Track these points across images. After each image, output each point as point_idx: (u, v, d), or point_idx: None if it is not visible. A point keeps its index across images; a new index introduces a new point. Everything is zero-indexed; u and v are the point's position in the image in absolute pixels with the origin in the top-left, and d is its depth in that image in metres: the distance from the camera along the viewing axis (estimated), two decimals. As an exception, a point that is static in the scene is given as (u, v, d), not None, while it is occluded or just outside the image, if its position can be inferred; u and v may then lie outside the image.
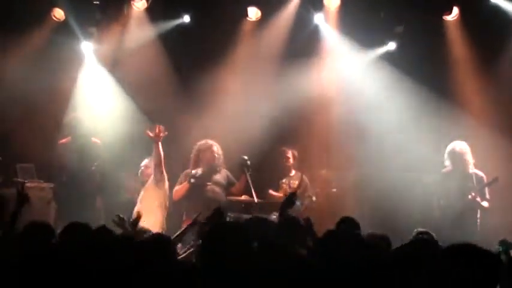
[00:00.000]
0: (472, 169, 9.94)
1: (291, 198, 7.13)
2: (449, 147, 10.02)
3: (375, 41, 11.76)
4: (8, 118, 11.36)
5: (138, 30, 11.56)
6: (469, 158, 9.90)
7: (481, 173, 9.92)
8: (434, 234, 6.71)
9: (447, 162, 10.03)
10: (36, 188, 10.57)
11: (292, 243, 5.93)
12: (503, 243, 6.87)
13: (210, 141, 10.18)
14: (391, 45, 11.82)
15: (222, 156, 10.20)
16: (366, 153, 11.58)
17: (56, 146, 10.31)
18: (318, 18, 11.74)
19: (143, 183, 10.06)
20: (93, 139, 10.33)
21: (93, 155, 10.27)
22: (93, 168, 10.24)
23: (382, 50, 11.91)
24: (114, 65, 11.81)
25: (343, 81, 11.82)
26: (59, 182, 10.33)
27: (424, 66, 11.37)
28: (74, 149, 10.21)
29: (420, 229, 6.85)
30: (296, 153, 10.96)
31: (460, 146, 9.95)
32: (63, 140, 10.33)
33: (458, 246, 4.27)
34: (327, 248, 4.90)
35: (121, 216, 7.05)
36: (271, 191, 10.75)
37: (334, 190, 11.14)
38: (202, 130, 10.93)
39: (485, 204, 9.85)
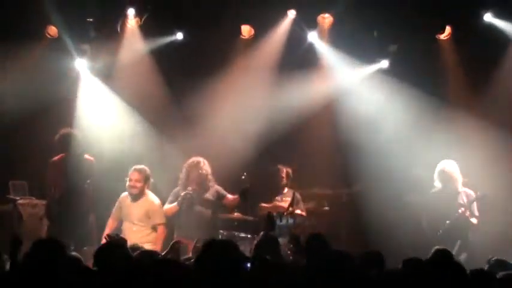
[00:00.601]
0: (461, 188, 9.97)
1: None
2: (438, 167, 10.05)
3: (368, 59, 11.81)
4: (1, 134, 11.32)
5: (132, 48, 11.53)
6: (458, 177, 9.93)
7: (470, 191, 9.95)
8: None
9: (437, 182, 10.06)
10: (29, 204, 10.55)
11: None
12: (490, 262, 6.89)
13: (198, 159, 10.15)
14: (384, 64, 11.89)
15: (210, 174, 10.16)
16: (359, 171, 11.62)
17: (49, 163, 10.23)
18: (312, 36, 11.79)
19: (133, 198, 10.04)
20: (87, 156, 10.26)
21: (86, 172, 10.20)
22: (85, 185, 10.17)
23: (375, 67, 11.97)
24: (107, 82, 11.77)
25: (336, 98, 11.86)
26: (52, 199, 10.25)
27: (417, 84, 11.43)
28: (68, 166, 10.14)
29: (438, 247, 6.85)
30: (290, 171, 10.95)
31: (449, 165, 9.99)
32: (57, 158, 10.24)
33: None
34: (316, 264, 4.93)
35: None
36: (262, 204, 10.72)
37: (327, 208, 11.14)
38: (194, 146, 10.91)
39: (474, 221, 9.86)
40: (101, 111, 11.73)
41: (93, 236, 9.62)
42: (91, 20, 11.22)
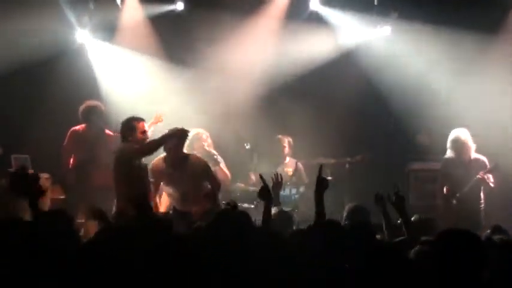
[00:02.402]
0: (473, 155, 9.92)
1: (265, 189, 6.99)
2: (452, 135, 9.95)
3: (369, 26, 11.80)
4: (3, 108, 11.30)
5: (131, 19, 11.55)
6: (472, 145, 9.88)
7: (482, 157, 9.90)
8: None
9: (449, 151, 10.00)
10: (31, 178, 10.54)
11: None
12: (495, 228, 6.89)
13: (201, 131, 10.13)
14: (386, 30, 11.85)
15: (212, 146, 10.14)
16: (363, 139, 11.63)
17: (70, 131, 10.27)
18: (314, 4, 11.77)
19: None
20: (107, 131, 10.34)
21: (105, 147, 10.16)
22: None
23: (377, 34, 11.93)
24: (108, 52, 11.78)
25: (341, 62, 11.90)
26: (64, 169, 10.30)
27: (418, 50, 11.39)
28: (88, 138, 10.21)
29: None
30: (291, 141, 10.94)
31: (463, 133, 9.90)
32: (78, 127, 10.32)
33: (448, 231, 4.34)
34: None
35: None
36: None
37: (330, 178, 11.12)
38: (194, 114, 10.89)
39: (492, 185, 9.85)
40: (106, 82, 11.74)
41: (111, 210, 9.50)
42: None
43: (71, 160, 10.26)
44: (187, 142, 9.95)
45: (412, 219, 6.92)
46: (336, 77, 11.92)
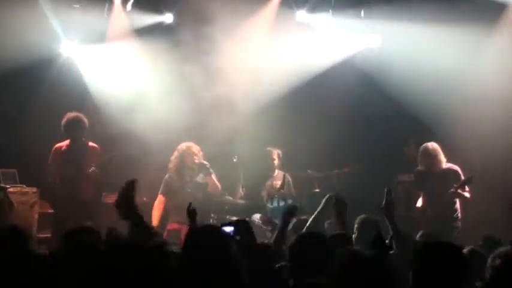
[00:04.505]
0: (445, 165, 9.90)
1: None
2: (422, 148, 9.98)
3: (356, 38, 11.80)
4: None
5: (119, 32, 11.55)
6: (442, 158, 9.87)
7: (455, 167, 9.90)
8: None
9: (421, 166, 10.02)
10: (19, 192, 10.55)
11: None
12: (488, 239, 6.86)
13: (190, 144, 10.15)
14: (375, 42, 11.84)
15: (202, 157, 10.15)
16: (351, 151, 11.61)
17: (54, 149, 10.26)
18: (300, 14, 11.80)
19: None
20: (91, 144, 10.33)
21: (90, 160, 10.24)
22: (90, 170, 10.19)
23: (364, 46, 11.92)
24: (95, 66, 11.77)
25: (329, 74, 11.88)
26: (53, 185, 10.28)
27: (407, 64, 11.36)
28: (72, 153, 10.19)
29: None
30: (280, 153, 10.91)
31: (433, 146, 9.91)
32: (62, 144, 10.29)
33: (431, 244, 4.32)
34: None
35: None
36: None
37: (317, 190, 11.11)
38: (185, 124, 10.86)
39: (466, 194, 9.82)
40: (95, 95, 11.71)
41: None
42: (77, 6, 11.20)
43: (57, 176, 10.21)
44: (178, 156, 10.06)
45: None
46: (324, 89, 11.90)
